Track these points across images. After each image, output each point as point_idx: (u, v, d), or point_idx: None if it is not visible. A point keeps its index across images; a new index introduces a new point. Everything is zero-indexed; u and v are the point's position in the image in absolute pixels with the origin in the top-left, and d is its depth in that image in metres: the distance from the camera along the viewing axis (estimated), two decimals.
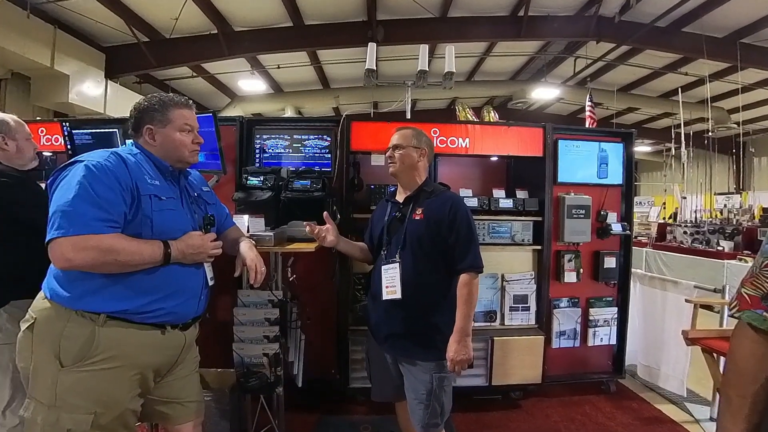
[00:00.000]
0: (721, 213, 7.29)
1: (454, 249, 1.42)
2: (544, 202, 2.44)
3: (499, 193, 2.54)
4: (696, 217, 6.73)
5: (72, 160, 1.08)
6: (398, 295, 1.41)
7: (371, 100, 7.86)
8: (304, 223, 1.59)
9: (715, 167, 8.60)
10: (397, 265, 1.43)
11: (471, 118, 2.78)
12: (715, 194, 8.25)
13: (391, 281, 1.43)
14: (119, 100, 5.81)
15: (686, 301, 2.37)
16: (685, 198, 7.29)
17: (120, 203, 1.05)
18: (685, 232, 5.90)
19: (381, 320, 1.49)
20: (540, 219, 2.46)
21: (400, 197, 1.56)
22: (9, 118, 1.56)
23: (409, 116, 2.84)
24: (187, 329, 1.24)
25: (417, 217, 1.45)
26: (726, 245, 5.12)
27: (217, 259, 1.29)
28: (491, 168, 2.78)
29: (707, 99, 6.52)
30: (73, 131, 2.17)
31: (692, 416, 2.33)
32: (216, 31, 5.38)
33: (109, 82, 5.72)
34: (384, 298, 1.44)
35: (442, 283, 1.44)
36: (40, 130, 2.50)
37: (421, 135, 1.55)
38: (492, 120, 2.79)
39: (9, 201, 1.42)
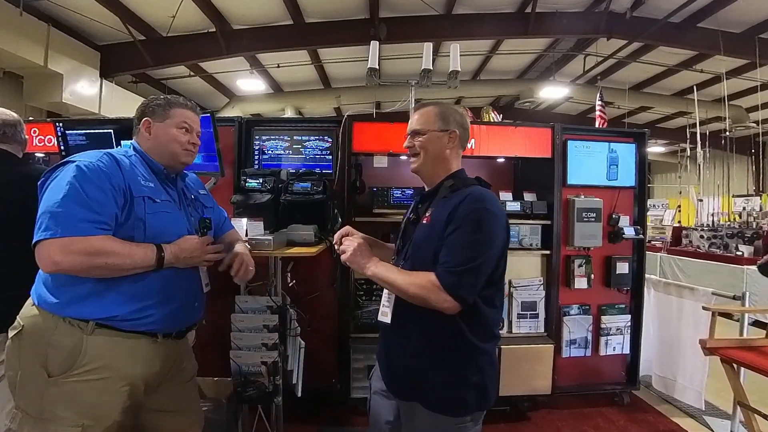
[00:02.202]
0: (740, 216, 7.24)
1: (440, 254, 1.05)
2: (553, 205, 2.44)
3: (506, 195, 2.54)
4: (713, 221, 6.69)
5: (64, 160, 1.08)
6: (388, 320, 1.16)
7: (374, 100, 7.91)
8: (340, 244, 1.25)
9: (733, 168, 8.54)
10: None
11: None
12: (733, 197, 8.20)
13: (387, 300, 1.17)
14: (114, 100, 5.87)
15: (703, 308, 2.34)
16: (701, 201, 7.26)
17: (111, 205, 1.05)
18: (701, 237, 5.86)
19: (381, 346, 1.25)
20: (549, 222, 2.46)
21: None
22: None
23: None
24: (181, 338, 1.24)
25: (425, 221, 1.15)
26: (745, 250, 5.08)
27: (215, 264, 1.30)
28: (498, 170, 2.78)
29: (724, 97, 6.51)
30: (67, 132, 2.19)
31: (711, 430, 2.31)
32: (214, 30, 5.44)
33: (104, 81, 5.78)
34: (378, 319, 1.20)
35: (448, 317, 1.05)
36: (32, 131, 2.53)
37: (449, 112, 1.20)
38: (492, 121, 2.80)
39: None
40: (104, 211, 1.03)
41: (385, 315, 1.17)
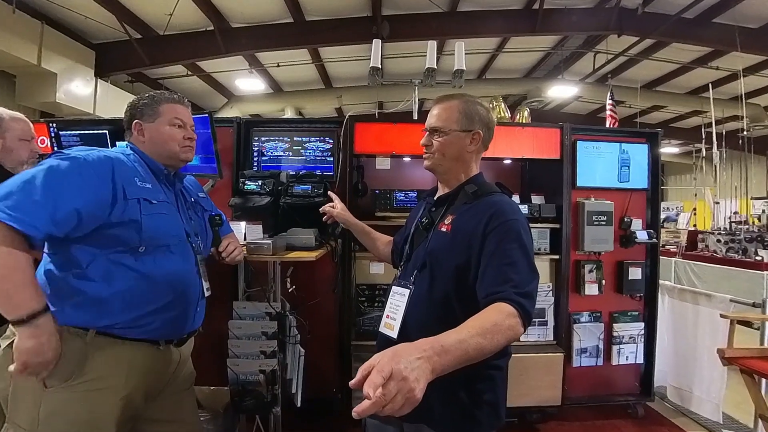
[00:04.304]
0: (759, 219, 7.20)
1: (485, 273, 0.97)
2: (562, 208, 2.44)
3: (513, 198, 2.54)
4: (730, 224, 6.65)
5: (56, 151, 1.08)
6: (394, 334, 1.06)
7: (376, 100, 7.93)
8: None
9: (751, 169, 8.49)
10: (407, 291, 1.09)
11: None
12: (751, 199, 8.15)
13: (393, 310, 1.10)
14: (110, 100, 5.92)
15: (721, 316, 2.32)
16: (717, 203, 7.22)
17: (74, 201, 0.99)
18: (718, 241, 5.83)
19: None
20: (558, 226, 2.46)
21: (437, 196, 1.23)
22: (6, 113, 1.56)
23: (416, 117, 2.87)
24: (182, 345, 1.25)
25: (443, 228, 1.10)
26: (765, 255, 5.06)
27: (212, 269, 1.31)
28: (504, 171, 2.79)
29: (741, 95, 6.46)
30: (61, 132, 2.22)
31: None
32: (212, 28, 5.48)
33: (99, 81, 5.83)
34: (379, 330, 1.12)
35: None
36: None
37: (473, 111, 1.14)
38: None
39: None
40: (56, 207, 0.97)
41: (390, 328, 1.08)
